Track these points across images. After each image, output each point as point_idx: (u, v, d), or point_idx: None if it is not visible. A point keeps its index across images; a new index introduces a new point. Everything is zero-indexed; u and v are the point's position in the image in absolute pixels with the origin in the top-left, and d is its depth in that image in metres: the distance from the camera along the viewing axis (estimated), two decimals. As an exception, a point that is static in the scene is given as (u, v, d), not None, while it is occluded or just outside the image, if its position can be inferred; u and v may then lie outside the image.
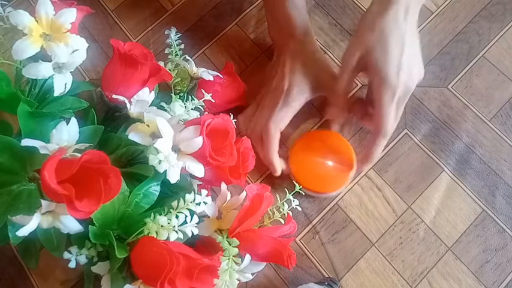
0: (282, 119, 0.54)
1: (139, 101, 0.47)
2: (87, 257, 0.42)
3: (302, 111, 0.56)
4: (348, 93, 0.54)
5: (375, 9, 0.49)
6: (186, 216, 0.40)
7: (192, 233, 0.40)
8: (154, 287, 0.38)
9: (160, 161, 0.40)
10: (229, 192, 0.47)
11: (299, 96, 0.54)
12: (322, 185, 0.55)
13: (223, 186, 0.47)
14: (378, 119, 0.50)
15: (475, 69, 0.63)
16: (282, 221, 0.48)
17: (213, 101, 0.52)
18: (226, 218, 0.46)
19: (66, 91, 0.45)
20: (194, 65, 0.55)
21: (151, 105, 0.49)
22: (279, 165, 0.55)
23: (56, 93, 0.43)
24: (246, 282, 0.48)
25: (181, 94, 0.55)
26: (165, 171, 0.40)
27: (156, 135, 0.42)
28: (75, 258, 0.41)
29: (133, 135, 0.42)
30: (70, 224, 0.39)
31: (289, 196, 0.48)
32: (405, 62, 0.47)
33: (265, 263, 0.49)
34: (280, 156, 0.55)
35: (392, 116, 0.49)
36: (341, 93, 0.53)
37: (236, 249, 0.44)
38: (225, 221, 0.46)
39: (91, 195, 0.37)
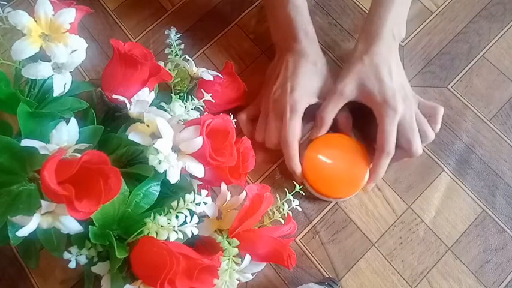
0: (294, 129, 0.54)
1: (139, 101, 0.47)
2: (87, 257, 0.42)
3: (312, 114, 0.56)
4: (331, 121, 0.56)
5: (360, 48, 0.55)
6: (186, 216, 0.40)
7: (192, 233, 0.40)
8: (154, 287, 0.38)
9: (160, 161, 0.40)
10: (229, 192, 0.47)
11: (301, 98, 0.54)
12: (336, 189, 0.55)
13: (223, 186, 0.47)
14: (381, 139, 0.52)
15: (475, 69, 0.63)
16: (282, 221, 0.48)
17: (213, 101, 0.52)
18: (226, 218, 0.46)
19: (66, 91, 0.45)
20: (194, 65, 0.55)
21: (151, 105, 0.49)
22: (299, 173, 0.55)
23: (56, 94, 0.43)
24: (246, 282, 0.48)
25: (181, 94, 0.55)
26: (165, 171, 0.40)
27: (156, 135, 0.42)
28: (75, 258, 0.41)
29: (133, 135, 0.42)
30: (70, 225, 0.39)
31: (289, 196, 0.48)
32: (396, 85, 0.52)
33: (265, 263, 0.49)
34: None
35: (394, 135, 0.52)
36: (326, 121, 0.55)
37: (236, 249, 0.44)
38: (225, 221, 0.46)
39: (91, 195, 0.36)
